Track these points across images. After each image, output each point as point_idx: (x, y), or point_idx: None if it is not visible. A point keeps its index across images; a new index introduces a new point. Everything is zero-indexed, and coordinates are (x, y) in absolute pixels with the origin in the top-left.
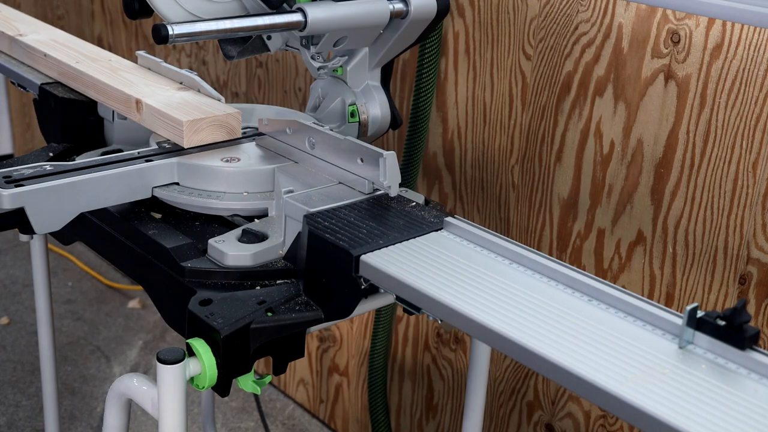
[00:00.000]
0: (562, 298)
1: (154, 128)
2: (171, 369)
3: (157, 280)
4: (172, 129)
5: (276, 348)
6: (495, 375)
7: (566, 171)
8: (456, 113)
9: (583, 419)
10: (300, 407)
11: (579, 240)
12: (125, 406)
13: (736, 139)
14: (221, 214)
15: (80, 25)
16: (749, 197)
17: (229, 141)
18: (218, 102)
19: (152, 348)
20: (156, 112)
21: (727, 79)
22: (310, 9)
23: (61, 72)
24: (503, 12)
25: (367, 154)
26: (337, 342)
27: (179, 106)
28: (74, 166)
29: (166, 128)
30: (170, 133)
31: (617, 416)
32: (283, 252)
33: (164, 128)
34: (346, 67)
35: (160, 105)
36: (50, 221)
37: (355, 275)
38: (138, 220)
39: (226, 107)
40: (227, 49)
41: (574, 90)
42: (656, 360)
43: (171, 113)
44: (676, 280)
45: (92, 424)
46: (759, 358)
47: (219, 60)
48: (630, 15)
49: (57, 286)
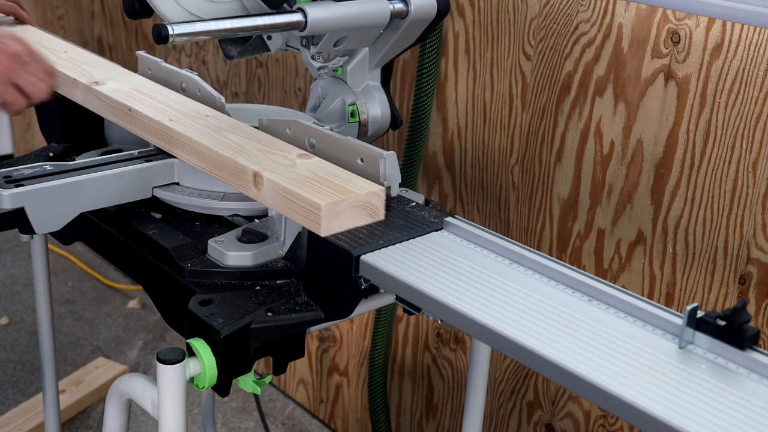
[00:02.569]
0: (562, 298)
1: (278, 208)
2: (171, 369)
3: (157, 280)
4: (304, 212)
5: (276, 348)
6: (495, 375)
7: (566, 171)
8: (456, 113)
9: (583, 419)
10: (300, 407)
11: (579, 240)
12: (125, 406)
13: (736, 139)
14: (221, 214)
15: (80, 25)
16: (749, 197)
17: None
18: (350, 173)
19: (152, 348)
20: (281, 190)
21: (727, 79)
22: (310, 9)
23: (152, 132)
24: (503, 12)
25: (367, 154)
26: (337, 342)
27: (308, 180)
28: (74, 166)
29: (295, 210)
30: (300, 216)
31: (617, 416)
32: (283, 252)
33: (291, 210)
34: (346, 67)
35: (286, 180)
36: (50, 221)
37: (355, 275)
38: (138, 220)
39: (368, 183)
40: (227, 49)
41: (574, 90)
42: (656, 360)
43: (302, 192)
44: (676, 280)
45: (92, 424)
46: (759, 358)
47: (219, 60)
48: (630, 15)
49: (57, 286)
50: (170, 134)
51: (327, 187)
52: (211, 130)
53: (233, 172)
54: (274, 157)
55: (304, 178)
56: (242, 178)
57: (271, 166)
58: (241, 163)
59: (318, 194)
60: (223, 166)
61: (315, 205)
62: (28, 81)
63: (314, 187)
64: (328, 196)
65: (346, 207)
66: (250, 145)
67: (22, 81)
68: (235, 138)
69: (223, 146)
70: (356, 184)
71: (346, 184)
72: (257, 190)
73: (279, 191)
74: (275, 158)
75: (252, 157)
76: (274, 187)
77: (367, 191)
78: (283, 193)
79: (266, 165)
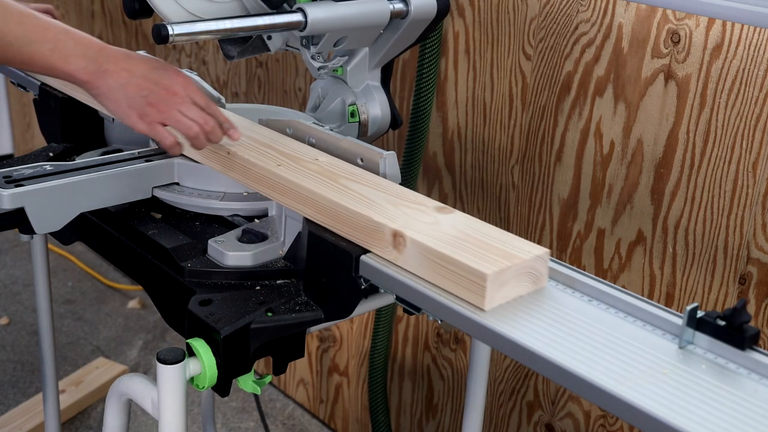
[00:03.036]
0: (562, 298)
1: (424, 273)
2: (171, 369)
3: (157, 280)
4: (461, 280)
5: (276, 348)
6: (495, 375)
7: (566, 171)
8: (456, 113)
9: (583, 419)
10: (300, 407)
11: (579, 240)
12: (125, 406)
13: (736, 139)
14: (221, 214)
15: (80, 25)
16: (749, 197)
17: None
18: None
19: (152, 348)
20: (431, 254)
21: (727, 79)
22: (310, 9)
23: (256, 179)
24: (503, 12)
25: (367, 153)
26: (337, 342)
27: (459, 241)
28: (74, 166)
29: (447, 277)
30: (454, 284)
31: (617, 416)
32: (283, 252)
33: (443, 276)
34: (346, 67)
35: (434, 241)
36: (50, 221)
37: (355, 275)
38: (138, 220)
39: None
40: (227, 49)
41: (574, 90)
42: (656, 360)
43: (459, 257)
44: (676, 280)
45: (92, 424)
46: (759, 358)
47: (219, 60)
48: (630, 15)
49: (57, 286)
50: (281, 182)
51: (484, 250)
52: (327, 177)
53: (365, 229)
54: (408, 211)
55: (453, 238)
56: (376, 237)
57: (411, 223)
58: (376, 220)
59: (478, 260)
60: (350, 221)
61: (478, 274)
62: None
63: (469, 250)
64: (492, 263)
65: (511, 275)
66: (378, 196)
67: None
68: (356, 187)
69: (347, 198)
70: (516, 246)
71: (505, 246)
72: (397, 252)
73: (427, 255)
74: (411, 213)
75: (385, 212)
76: (420, 250)
77: (532, 255)
78: (432, 257)
79: (405, 222)
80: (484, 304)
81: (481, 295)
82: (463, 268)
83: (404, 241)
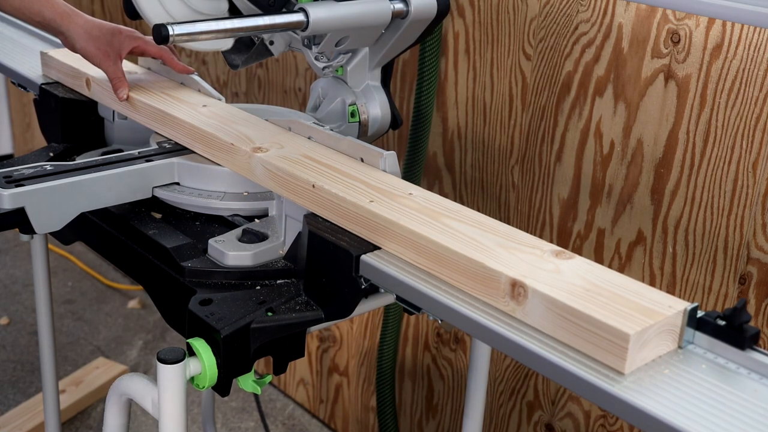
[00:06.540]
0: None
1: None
2: (171, 369)
3: (157, 280)
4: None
5: (276, 348)
6: (495, 375)
7: (566, 171)
8: (456, 113)
9: (583, 419)
10: (300, 407)
11: (579, 240)
12: (125, 406)
13: (736, 139)
14: (221, 214)
15: None
16: (749, 197)
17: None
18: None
19: (152, 348)
20: (559, 308)
21: (727, 79)
22: (312, 9)
23: (351, 217)
24: (503, 12)
25: (367, 153)
26: (337, 342)
27: (588, 293)
28: (74, 166)
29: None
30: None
31: (617, 416)
32: (283, 252)
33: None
34: (346, 67)
35: (561, 293)
36: (50, 221)
37: (355, 275)
38: (138, 220)
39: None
40: (231, 59)
41: (574, 90)
42: (660, 362)
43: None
44: (676, 280)
45: (92, 424)
46: (759, 358)
47: (219, 60)
48: (630, 15)
49: (57, 286)
50: (375, 221)
51: (619, 305)
52: (425, 215)
53: (476, 276)
54: (523, 256)
55: (581, 290)
56: (490, 286)
57: (530, 271)
58: (491, 267)
59: (616, 317)
60: (458, 266)
61: (620, 335)
62: None
63: (602, 305)
64: (632, 321)
65: (653, 334)
66: (486, 237)
67: None
68: (459, 227)
69: (451, 239)
70: (653, 299)
71: (640, 299)
72: (515, 303)
73: (554, 309)
74: (526, 258)
75: (497, 258)
76: (546, 303)
77: (674, 310)
78: (561, 312)
79: (523, 270)
80: (624, 367)
81: (621, 356)
82: (600, 326)
83: (524, 292)
